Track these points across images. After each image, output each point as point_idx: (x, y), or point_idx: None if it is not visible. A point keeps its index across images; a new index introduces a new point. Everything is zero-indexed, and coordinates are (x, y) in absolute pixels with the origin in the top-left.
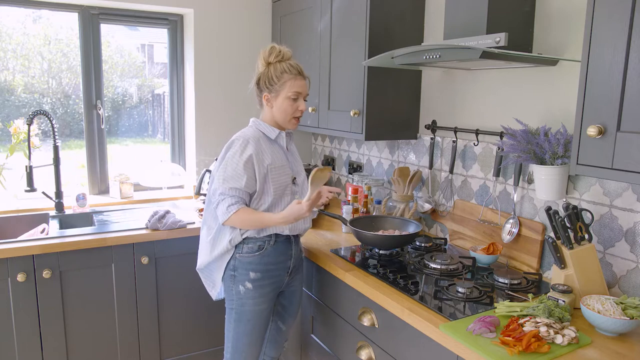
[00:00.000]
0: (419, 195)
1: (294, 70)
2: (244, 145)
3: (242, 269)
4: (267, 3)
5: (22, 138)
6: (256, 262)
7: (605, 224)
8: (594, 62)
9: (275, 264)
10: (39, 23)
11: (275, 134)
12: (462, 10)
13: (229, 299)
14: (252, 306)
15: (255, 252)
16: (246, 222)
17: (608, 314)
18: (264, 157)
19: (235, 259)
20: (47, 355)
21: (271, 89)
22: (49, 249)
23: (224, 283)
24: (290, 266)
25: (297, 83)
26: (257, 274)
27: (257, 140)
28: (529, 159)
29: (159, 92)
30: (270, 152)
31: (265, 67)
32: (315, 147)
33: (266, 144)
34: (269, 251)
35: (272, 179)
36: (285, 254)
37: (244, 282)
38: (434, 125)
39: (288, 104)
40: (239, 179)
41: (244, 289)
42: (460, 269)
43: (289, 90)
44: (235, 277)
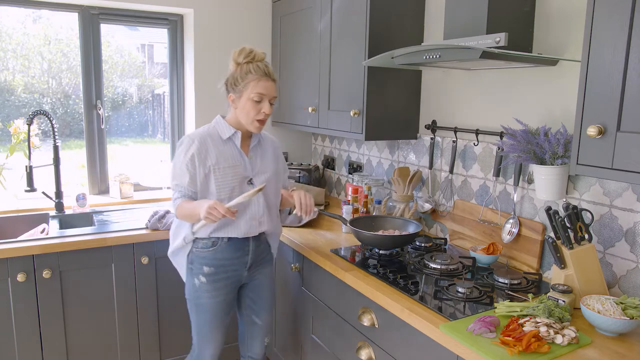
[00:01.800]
0: (419, 195)
1: (260, 71)
2: (189, 145)
3: (197, 263)
4: (267, 3)
5: (22, 138)
6: (210, 257)
7: (605, 224)
8: (594, 62)
9: (229, 259)
10: (39, 23)
11: (229, 134)
12: (462, 10)
13: (188, 289)
14: (208, 299)
15: (209, 247)
16: (182, 213)
17: (608, 314)
18: (208, 157)
19: (193, 252)
20: (47, 355)
21: (235, 90)
22: (49, 249)
23: (185, 274)
24: (249, 261)
25: (261, 84)
26: (210, 268)
27: (204, 139)
28: (529, 159)
29: (159, 92)
30: (217, 152)
31: (234, 67)
32: (315, 147)
33: (215, 143)
34: (223, 247)
35: (215, 179)
36: (242, 250)
37: (199, 275)
38: (434, 125)
39: (250, 105)
40: (182, 177)
41: (198, 282)
42: (460, 269)
43: (252, 92)
44: (192, 270)
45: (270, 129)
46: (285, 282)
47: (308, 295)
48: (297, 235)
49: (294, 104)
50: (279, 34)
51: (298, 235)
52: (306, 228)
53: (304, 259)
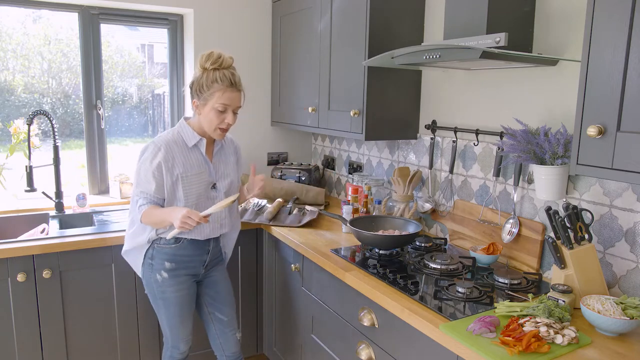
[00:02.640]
0: (419, 195)
1: (226, 80)
2: (154, 152)
3: (158, 259)
4: (267, 3)
5: (22, 138)
6: (172, 253)
7: (605, 224)
8: (594, 62)
9: (190, 256)
10: (39, 23)
11: (194, 141)
12: (462, 10)
13: (149, 285)
14: (173, 292)
15: (172, 244)
16: (150, 219)
17: (608, 314)
18: (175, 165)
19: (154, 248)
20: (47, 355)
21: (200, 96)
22: (49, 249)
23: (143, 269)
24: (207, 260)
25: (227, 95)
26: (172, 264)
27: (170, 146)
28: (529, 159)
29: (159, 92)
30: (183, 160)
31: (201, 72)
32: (315, 147)
33: (181, 150)
34: (186, 245)
35: (183, 187)
36: (202, 248)
37: (160, 270)
38: (434, 125)
39: (214, 114)
40: (149, 185)
41: (160, 278)
42: (460, 269)
43: (216, 102)
44: (153, 266)
45: (270, 129)
46: (285, 282)
47: (308, 295)
48: (297, 235)
49: (294, 104)
50: (279, 34)
51: (298, 235)
52: (306, 228)
53: (304, 259)
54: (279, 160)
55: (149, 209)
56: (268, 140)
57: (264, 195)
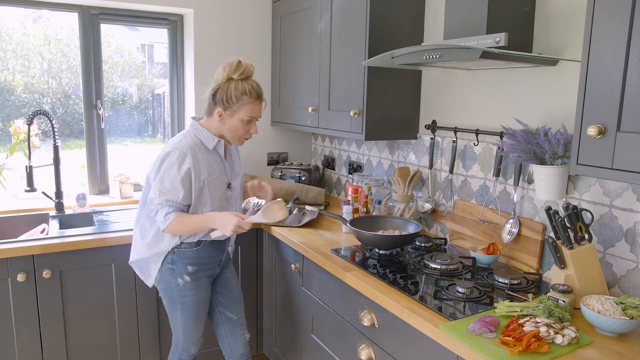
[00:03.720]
0: (419, 195)
1: (254, 93)
2: (181, 159)
3: (180, 263)
4: (267, 3)
5: (22, 138)
6: (193, 257)
7: (605, 224)
8: (594, 62)
9: (209, 257)
10: (39, 23)
11: (214, 144)
12: (462, 10)
13: (169, 290)
14: (193, 296)
15: (194, 247)
16: (183, 227)
17: (608, 314)
18: (201, 171)
19: (174, 252)
20: (47, 355)
21: (227, 107)
22: (49, 249)
23: (161, 275)
24: (223, 259)
25: (255, 108)
26: (194, 267)
27: (195, 152)
28: (529, 159)
29: (159, 92)
30: (207, 164)
31: (226, 81)
32: (315, 147)
33: (203, 154)
34: (207, 246)
35: (209, 191)
36: (219, 249)
37: (182, 275)
38: (434, 125)
39: (240, 125)
40: (176, 193)
41: (182, 282)
42: (460, 269)
43: (246, 114)
44: (174, 270)
45: (270, 128)
46: (285, 282)
47: (308, 295)
48: (297, 235)
49: (294, 104)
50: (279, 34)
51: (298, 235)
52: (306, 228)
53: (304, 259)
54: (279, 160)
55: (178, 216)
56: (268, 140)
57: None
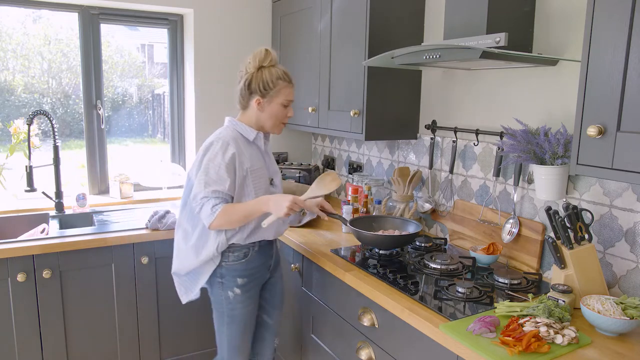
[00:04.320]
0: (419, 195)
1: (288, 77)
2: (224, 147)
3: (229, 276)
4: (267, 3)
5: (22, 138)
6: (242, 269)
7: (605, 224)
8: (594, 62)
9: (259, 266)
10: (39, 23)
11: (254, 135)
12: (462, 10)
13: (219, 303)
14: (242, 309)
15: (242, 259)
16: (232, 217)
17: (608, 314)
18: (244, 160)
19: (222, 267)
20: (47, 355)
21: (265, 94)
22: (49, 249)
23: (212, 289)
24: (272, 264)
25: (291, 91)
26: (244, 279)
27: (236, 141)
28: (529, 159)
29: (159, 92)
30: (249, 155)
31: (257, 70)
32: (315, 147)
33: (244, 145)
34: (254, 256)
35: (253, 181)
36: (268, 254)
37: (232, 288)
38: (434, 125)
39: (279, 110)
40: (223, 182)
41: (232, 295)
42: (460, 269)
43: (284, 98)
44: (224, 284)
45: None
46: (285, 282)
47: (308, 295)
48: (297, 235)
49: (294, 104)
50: (279, 34)
51: (298, 235)
52: (306, 228)
53: (304, 259)
54: (279, 160)
55: (226, 207)
56: None
57: None
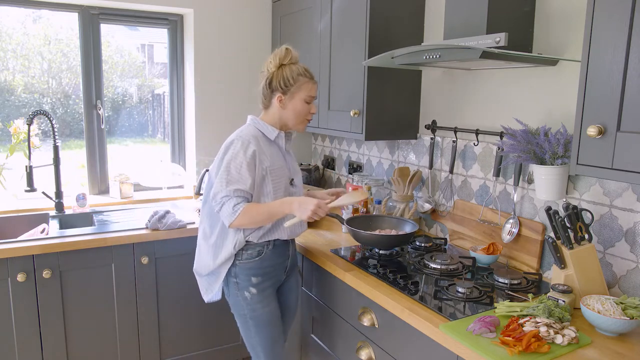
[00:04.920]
0: (419, 195)
1: (309, 74)
2: (245, 145)
3: (243, 275)
4: (267, 3)
5: (22, 138)
6: (256, 267)
7: (605, 224)
8: (594, 62)
9: (274, 266)
10: (39, 23)
11: (275, 134)
12: (462, 10)
13: (238, 306)
14: (263, 309)
15: (255, 257)
16: (256, 217)
17: (608, 314)
18: (264, 159)
19: (236, 265)
20: (47, 355)
21: (286, 91)
22: (49, 249)
23: (228, 290)
24: (288, 265)
25: (313, 87)
26: (258, 278)
27: (257, 139)
28: (529, 159)
29: (159, 92)
30: (269, 154)
31: (278, 68)
32: (315, 147)
33: (265, 144)
34: (268, 255)
35: (272, 180)
36: (283, 255)
37: (248, 287)
38: (434, 125)
39: (302, 106)
40: (244, 180)
41: (249, 295)
42: (460, 269)
43: (306, 93)
44: (239, 284)
45: None
46: None
47: (308, 295)
48: None
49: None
50: (279, 34)
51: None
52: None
53: (304, 259)
54: None
55: (248, 206)
56: None
57: None
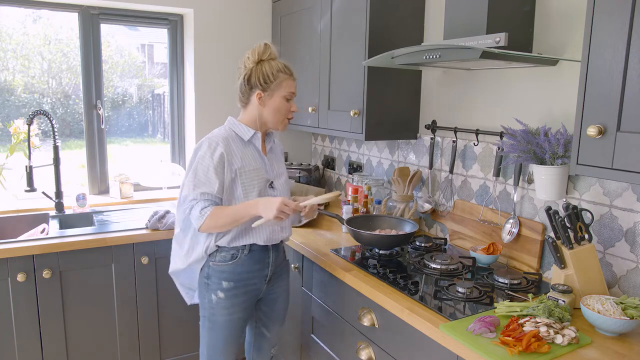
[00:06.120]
0: (419, 195)
1: (289, 70)
2: (213, 147)
3: (215, 278)
4: (267, 3)
5: (22, 138)
6: (229, 271)
7: (605, 224)
8: (594, 62)
9: (249, 272)
10: (39, 23)
11: (250, 135)
12: (462, 10)
13: (202, 306)
14: (225, 316)
15: (228, 260)
16: (220, 220)
17: (608, 314)
18: (234, 160)
19: (209, 267)
20: (47, 355)
21: (266, 88)
22: (49, 249)
23: (199, 290)
24: (268, 274)
25: (293, 84)
26: (230, 283)
27: (227, 141)
28: (529, 159)
29: (159, 92)
30: (241, 155)
31: (256, 64)
32: (315, 147)
33: (237, 145)
34: (243, 260)
35: (242, 183)
36: (262, 262)
37: (216, 290)
38: (434, 125)
39: (282, 104)
40: (211, 183)
41: (215, 298)
42: (460, 269)
43: (286, 90)
44: (209, 286)
45: None
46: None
47: (308, 295)
48: (297, 235)
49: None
50: (279, 34)
51: (298, 235)
52: (306, 228)
53: (304, 259)
54: None
55: (215, 210)
56: None
57: None
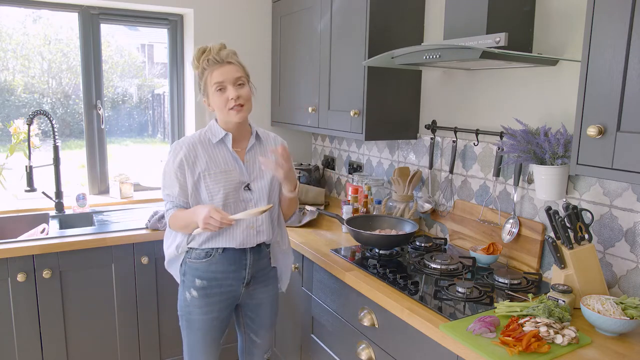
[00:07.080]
0: (419, 195)
1: (212, 61)
2: (176, 152)
3: (189, 275)
4: (267, 3)
5: (22, 138)
6: (203, 269)
7: (605, 224)
8: (594, 62)
9: (223, 272)
10: (39, 23)
11: (219, 137)
12: (462, 10)
13: (179, 304)
14: (200, 315)
15: (202, 258)
16: (176, 224)
17: (608, 314)
18: (197, 163)
19: (186, 263)
20: (47, 355)
21: (203, 92)
22: (49, 249)
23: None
24: (246, 277)
25: (215, 73)
26: (203, 281)
27: (193, 145)
28: (529, 159)
29: (159, 92)
30: (207, 158)
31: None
32: (315, 147)
33: (205, 148)
34: (218, 259)
35: (206, 185)
36: (237, 263)
37: (190, 288)
38: (434, 125)
39: (216, 97)
40: (172, 186)
41: (189, 296)
42: (460, 269)
43: (211, 84)
44: (184, 283)
45: (270, 128)
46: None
47: (308, 295)
48: (297, 235)
49: (294, 104)
50: (279, 34)
51: (298, 235)
52: (306, 228)
53: (304, 259)
54: None
55: (175, 212)
56: None
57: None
